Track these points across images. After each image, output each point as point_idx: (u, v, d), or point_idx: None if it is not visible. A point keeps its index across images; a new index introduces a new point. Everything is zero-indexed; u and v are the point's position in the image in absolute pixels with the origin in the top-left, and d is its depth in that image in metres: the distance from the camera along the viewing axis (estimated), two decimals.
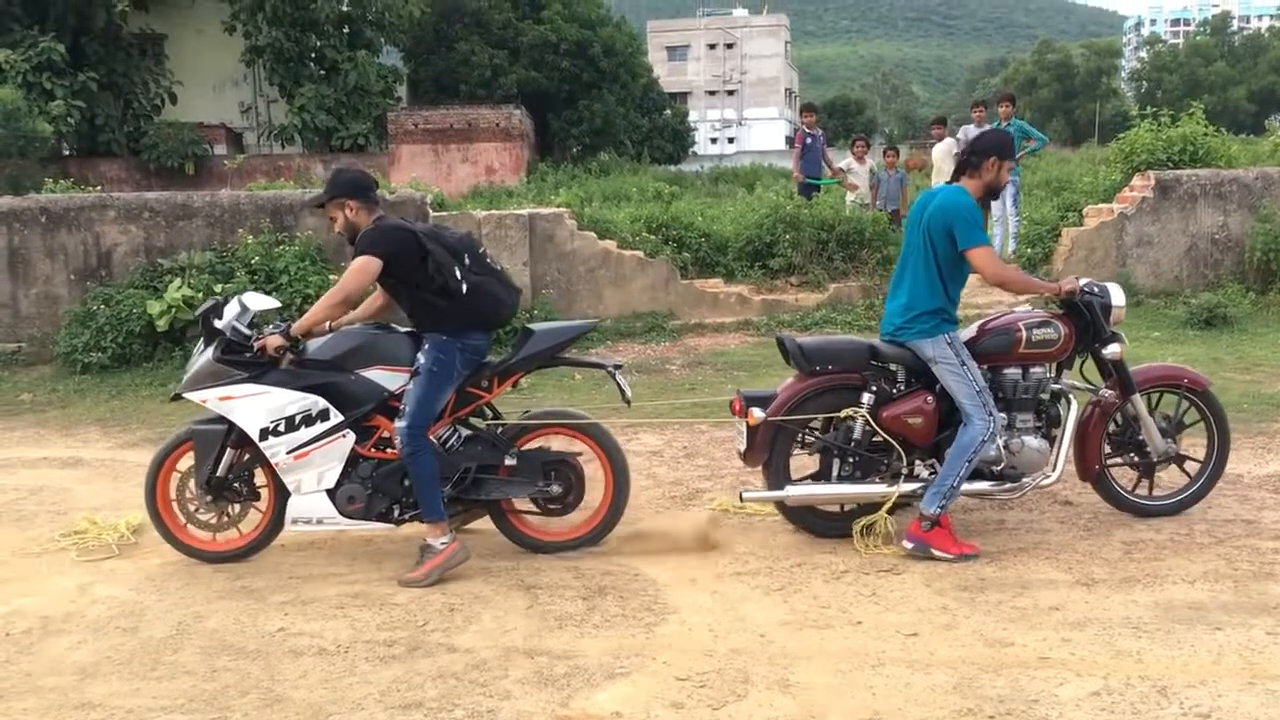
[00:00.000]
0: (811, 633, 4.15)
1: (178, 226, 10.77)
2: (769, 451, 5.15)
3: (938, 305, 5.00)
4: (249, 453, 5.06)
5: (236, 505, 5.19)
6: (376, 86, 30.92)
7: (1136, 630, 4.06)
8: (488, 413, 5.23)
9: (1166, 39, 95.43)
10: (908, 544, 4.91)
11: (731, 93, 73.06)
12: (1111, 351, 5.20)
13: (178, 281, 9.98)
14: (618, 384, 5.24)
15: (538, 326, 5.32)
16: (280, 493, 5.03)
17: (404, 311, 5.09)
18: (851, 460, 5.14)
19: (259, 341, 4.86)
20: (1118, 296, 5.26)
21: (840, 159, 14.59)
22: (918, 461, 5.17)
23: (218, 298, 5.18)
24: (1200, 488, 5.43)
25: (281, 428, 4.88)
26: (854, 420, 5.10)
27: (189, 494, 5.12)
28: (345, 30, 30.94)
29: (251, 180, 25.51)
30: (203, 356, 5.02)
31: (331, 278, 9.51)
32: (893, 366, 5.14)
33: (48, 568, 5.20)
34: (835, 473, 5.16)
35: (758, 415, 5.05)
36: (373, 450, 5.00)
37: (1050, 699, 3.54)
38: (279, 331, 4.87)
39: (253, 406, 4.88)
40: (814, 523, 5.25)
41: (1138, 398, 5.28)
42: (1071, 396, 5.22)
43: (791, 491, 5.12)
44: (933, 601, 4.40)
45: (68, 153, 28.61)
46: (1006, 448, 5.05)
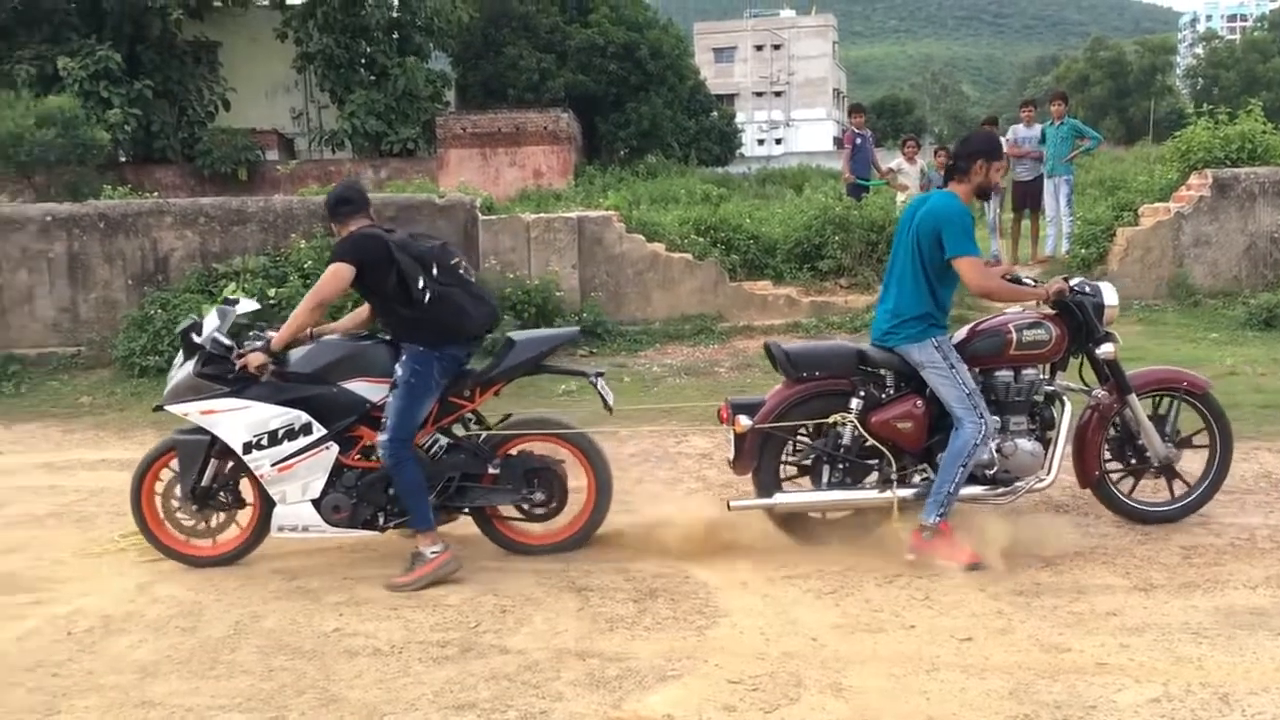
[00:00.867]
0: (864, 637, 4.12)
1: (232, 231, 10.94)
2: (757, 459, 5.11)
3: (924, 310, 4.94)
4: (233, 462, 5.10)
5: (222, 513, 5.24)
6: (425, 91, 31.21)
7: (1197, 636, 3.99)
8: (470, 420, 5.26)
9: (1223, 35, 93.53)
10: (910, 555, 4.84)
11: (779, 94, 72.79)
12: (1105, 351, 5.10)
13: (232, 285, 10.13)
14: (599, 392, 5.26)
15: (520, 335, 5.34)
16: (266, 500, 5.07)
17: (380, 321, 5.16)
18: (841, 466, 5.08)
19: (240, 359, 4.88)
20: (1110, 296, 5.15)
21: (889, 159, 14.49)
22: (909, 467, 5.08)
23: (195, 318, 5.22)
24: (1202, 494, 5.30)
25: (265, 442, 4.92)
26: (842, 426, 5.04)
27: (174, 502, 5.18)
28: (395, 36, 31.28)
29: (303, 185, 25.86)
30: (182, 370, 5.06)
31: None
32: (882, 371, 5.09)
33: (108, 568, 5.29)
34: (825, 479, 5.11)
35: (745, 423, 5.01)
36: (357, 459, 5.04)
37: (1109, 705, 3.50)
38: (260, 347, 4.89)
39: (235, 421, 4.92)
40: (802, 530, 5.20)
41: (1135, 399, 5.17)
42: (1065, 398, 5.13)
43: (780, 499, 5.06)
44: (987, 606, 4.35)
45: (123, 159, 29.11)
46: (999, 451, 4.97)
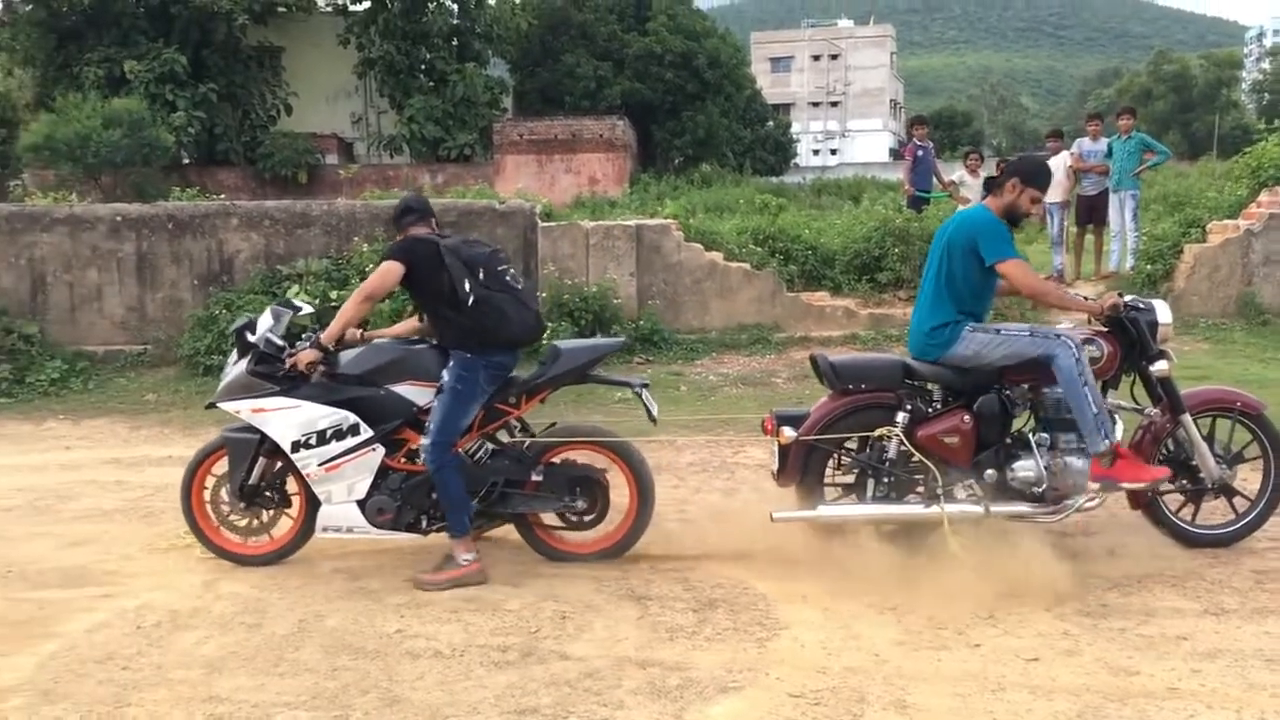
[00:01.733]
0: (928, 654, 4.07)
1: (296, 234, 11.10)
2: (802, 471, 5.07)
3: (952, 317, 4.95)
4: (281, 461, 5.17)
5: (269, 511, 5.31)
6: (483, 98, 31.47)
7: (1271, 663, 3.90)
8: (516, 427, 5.27)
9: None
10: (1094, 484, 4.80)
11: (835, 104, 72.52)
12: (1159, 369, 5.00)
13: (295, 287, 10.27)
14: (644, 403, 5.24)
15: (566, 344, 5.34)
16: (311, 500, 5.13)
17: (430, 326, 5.20)
18: (886, 480, 5.02)
19: (291, 358, 4.95)
20: (1164, 314, 5.06)
21: (949, 172, 14.38)
22: (956, 482, 5.00)
23: (251, 316, 5.30)
24: (1257, 517, 5.17)
25: (313, 441, 4.98)
26: (888, 439, 4.98)
27: (223, 499, 5.26)
28: (454, 43, 31.61)
29: (361, 190, 26.18)
30: (236, 368, 5.14)
31: None
32: (928, 385, 5.04)
33: (174, 563, 5.37)
34: (870, 493, 5.05)
35: (789, 434, 4.98)
36: (402, 462, 5.09)
37: None
38: (311, 345, 4.96)
39: (285, 420, 4.99)
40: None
41: (1189, 419, 5.07)
42: (1117, 417, 5.02)
43: (824, 511, 5.01)
44: (1053, 626, 4.28)
45: (187, 161, 29.65)
46: (1048, 469, 4.90)
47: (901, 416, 4.98)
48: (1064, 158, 12.89)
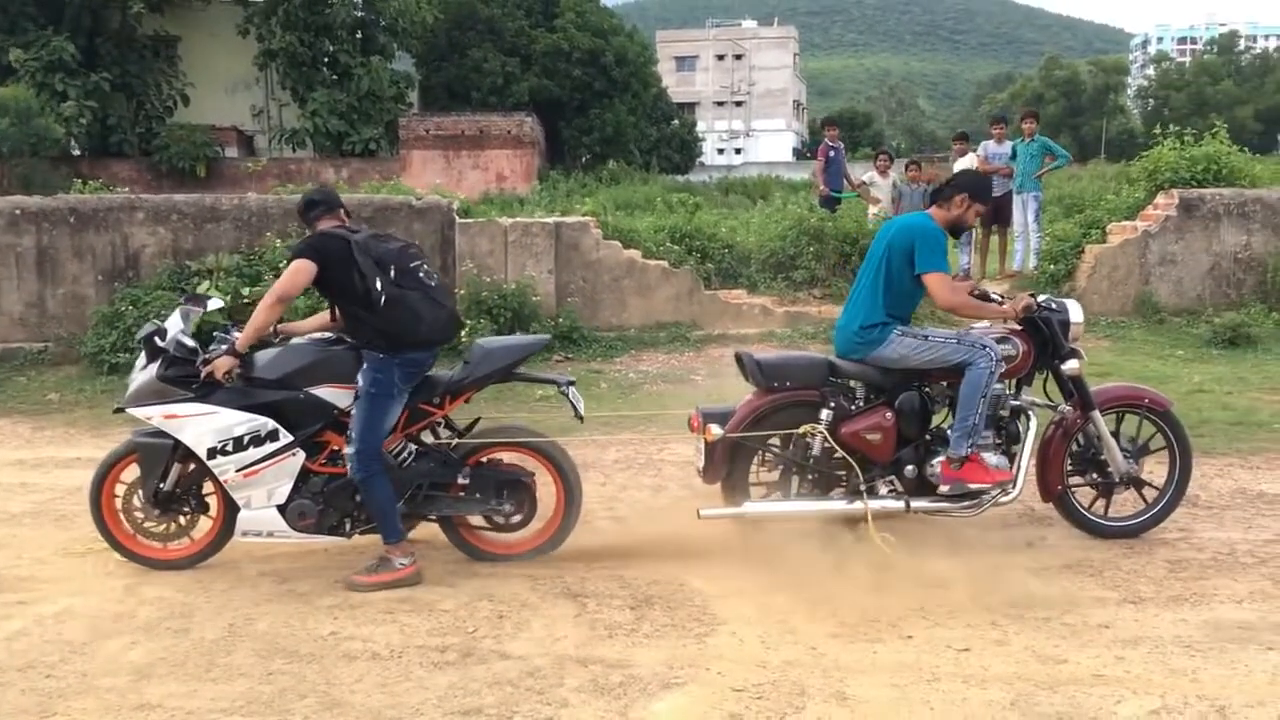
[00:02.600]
0: (863, 646, 4.15)
1: (205, 229, 10.81)
2: (728, 468, 5.14)
3: (883, 319, 5.06)
4: (196, 464, 5.02)
5: (186, 515, 5.18)
6: (389, 92, 31.11)
7: (1189, 649, 4.06)
8: (440, 425, 5.23)
9: (1174, 57, 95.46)
10: (945, 487, 4.95)
11: (740, 104, 73.19)
12: (1070, 368, 5.19)
13: (206, 284, 10.00)
14: (570, 400, 5.24)
15: (490, 343, 5.31)
16: (230, 503, 5.01)
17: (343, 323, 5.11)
18: (810, 477, 5.12)
19: (206, 366, 4.82)
20: (1076, 313, 5.25)
21: (859, 173, 14.63)
22: (877, 478, 5.11)
23: (157, 323, 5.12)
24: (1162, 509, 5.39)
25: (230, 448, 4.85)
26: (812, 437, 5.07)
27: (136, 506, 5.12)
28: (358, 35, 31.16)
29: (262, 183, 25.63)
30: (145, 372, 4.98)
31: None
32: (852, 383, 5.16)
33: (92, 568, 5.20)
34: (794, 489, 5.15)
35: (715, 432, 5.03)
36: (323, 465, 5.00)
37: (1110, 716, 3.56)
38: (226, 351, 4.85)
39: (200, 426, 4.85)
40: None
41: (1098, 416, 5.27)
42: (1031, 413, 5.20)
43: (750, 508, 5.07)
44: (981, 617, 4.39)
45: (77, 153, 28.70)
46: None
47: (825, 414, 5.06)
48: (970, 159, 13.21)
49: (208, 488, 5.14)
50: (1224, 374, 9.11)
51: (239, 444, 4.84)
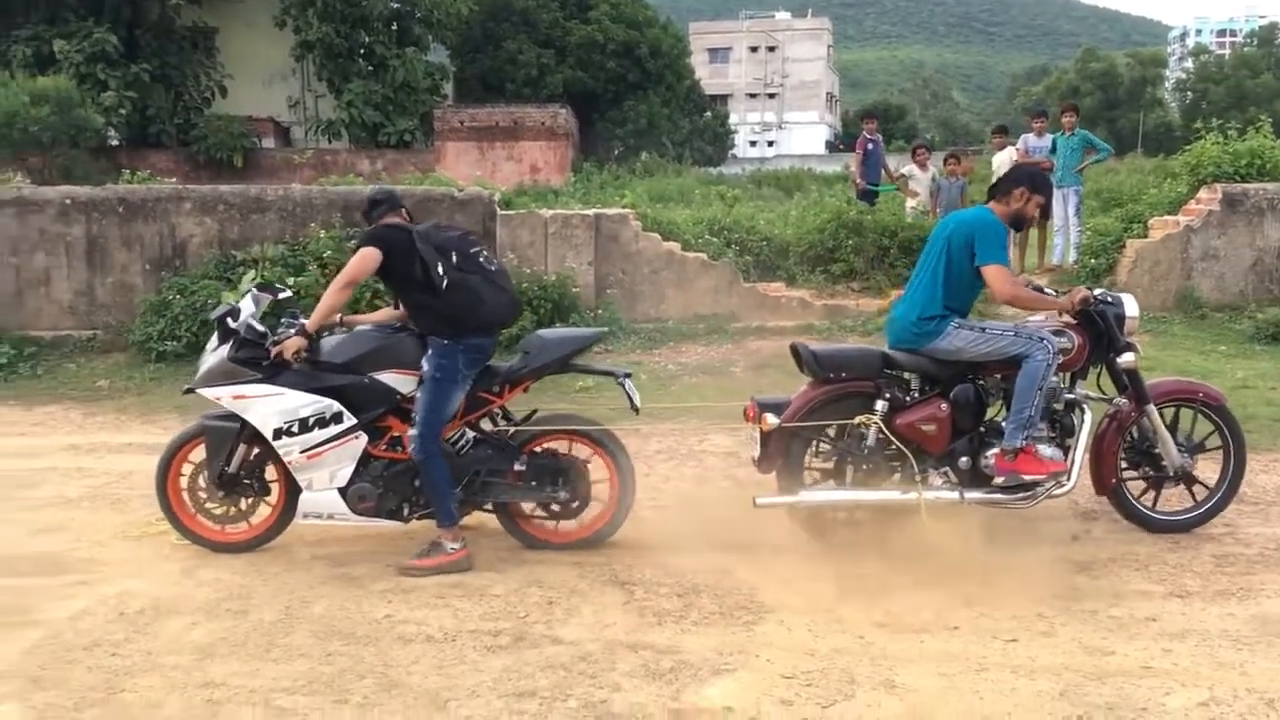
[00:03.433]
0: (910, 636, 4.19)
1: (251, 219, 10.95)
2: (782, 457, 5.20)
3: (941, 310, 5.09)
4: (260, 448, 5.16)
5: (247, 499, 5.31)
6: (424, 83, 31.21)
7: (1236, 643, 4.08)
8: (498, 416, 5.33)
9: (1213, 50, 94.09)
10: (999, 478, 4.98)
11: (772, 95, 72.94)
12: (1125, 361, 5.19)
13: (251, 273, 10.10)
14: (626, 392, 5.32)
15: (548, 333, 5.43)
16: (291, 487, 5.14)
17: (407, 314, 5.24)
18: (865, 467, 5.16)
19: (276, 346, 4.96)
20: (1131, 307, 5.26)
21: (897, 166, 14.59)
22: (931, 469, 5.14)
23: (232, 303, 5.27)
24: (1216, 504, 5.39)
25: (295, 429, 4.98)
26: (866, 427, 5.12)
27: (200, 487, 5.25)
28: (394, 27, 31.26)
29: (298, 174, 25.83)
30: (215, 354, 5.12)
31: None
32: (906, 375, 5.19)
33: (149, 551, 5.33)
34: (848, 479, 5.19)
35: (771, 421, 5.08)
36: (384, 450, 5.12)
37: (1159, 708, 3.59)
38: (296, 332, 4.99)
39: (267, 407, 4.98)
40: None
41: (1153, 409, 5.27)
42: (1086, 406, 5.21)
43: (804, 497, 5.13)
44: (1028, 609, 4.42)
45: (116, 143, 28.98)
46: None
47: (880, 405, 5.10)
48: (1010, 153, 13.15)
49: (270, 473, 5.26)
50: (1268, 370, 9.04)
51: (304, 425, 4.97)
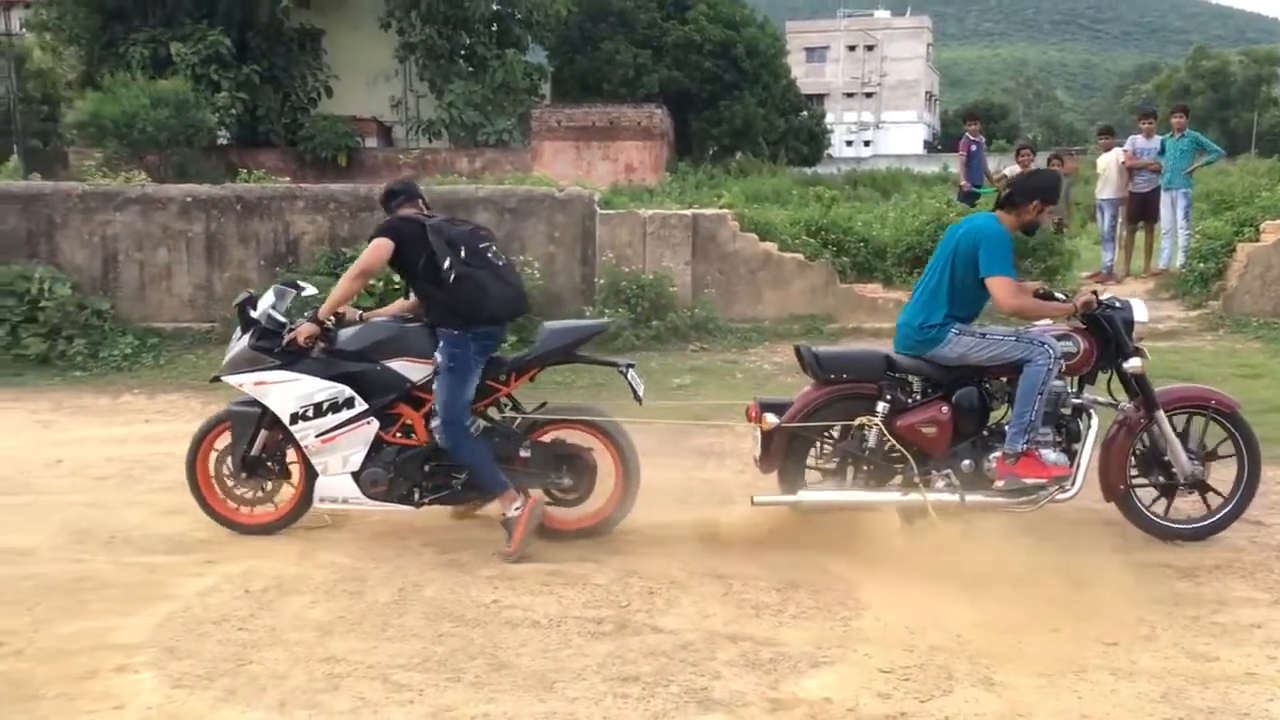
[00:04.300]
0: (1008, 636, 4.21)
1: (360, 217, 11.28)
2: (783, 457, 5.25)
3: (943, 318, 5.10)
4: (281, 434, 5.41)
5: (270, 482, 5.56)
6: (522, 84, 31.64)
7: None
8: (506, 404, 5.50)
9: None
10: (999, 482, 4.99)
11: (870, 95, 72.20)
12: (1133, 366, 5.13)
13: None
14: (630, 383, 5.44)
15: (554, 324, 5.56)
16: (310, 471, 5.37)
17: (419, 305, 5.44)
18: (866, 468, 5.20)
19: (290, 333, 5.21)
20: (1140, 312, 5.21)
21: (999, 166, 14.44)
22: (934, 471, 5.15)
23: (253, 292, 5.58)
24: (1229, 512, 5.29)
25: (310, 413, 5.23)
26: (868, 428, 5.15)
27: (226, 471, 5.51)
28: (494, 28, 31.72)
29: (399, 174, 26.37)
30: (239, 343, 5.40)
31: None
32: (909, 378, 5.21)
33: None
34: (849, 480, 5.23)
35: (771, 421, 5.15)
36: (396, 436, 5.34)
37: (1262, 713, 3.58)
38: (309, 318, 5.24)
39: (285, 392, 5.24)
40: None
41: (1162, 415, 5.20)
42: (1092, 411, 5.16)
43: (805, 496, 5.18)
44: (1128, 613, 4.40)
45: (224, 142, 29.93)
46: None
47: (882, 406, 5.16)
48: (1116, 155, 12.93)
49: (290, 456, 5.51)
50: None
51: (319, 410, 5.24)
